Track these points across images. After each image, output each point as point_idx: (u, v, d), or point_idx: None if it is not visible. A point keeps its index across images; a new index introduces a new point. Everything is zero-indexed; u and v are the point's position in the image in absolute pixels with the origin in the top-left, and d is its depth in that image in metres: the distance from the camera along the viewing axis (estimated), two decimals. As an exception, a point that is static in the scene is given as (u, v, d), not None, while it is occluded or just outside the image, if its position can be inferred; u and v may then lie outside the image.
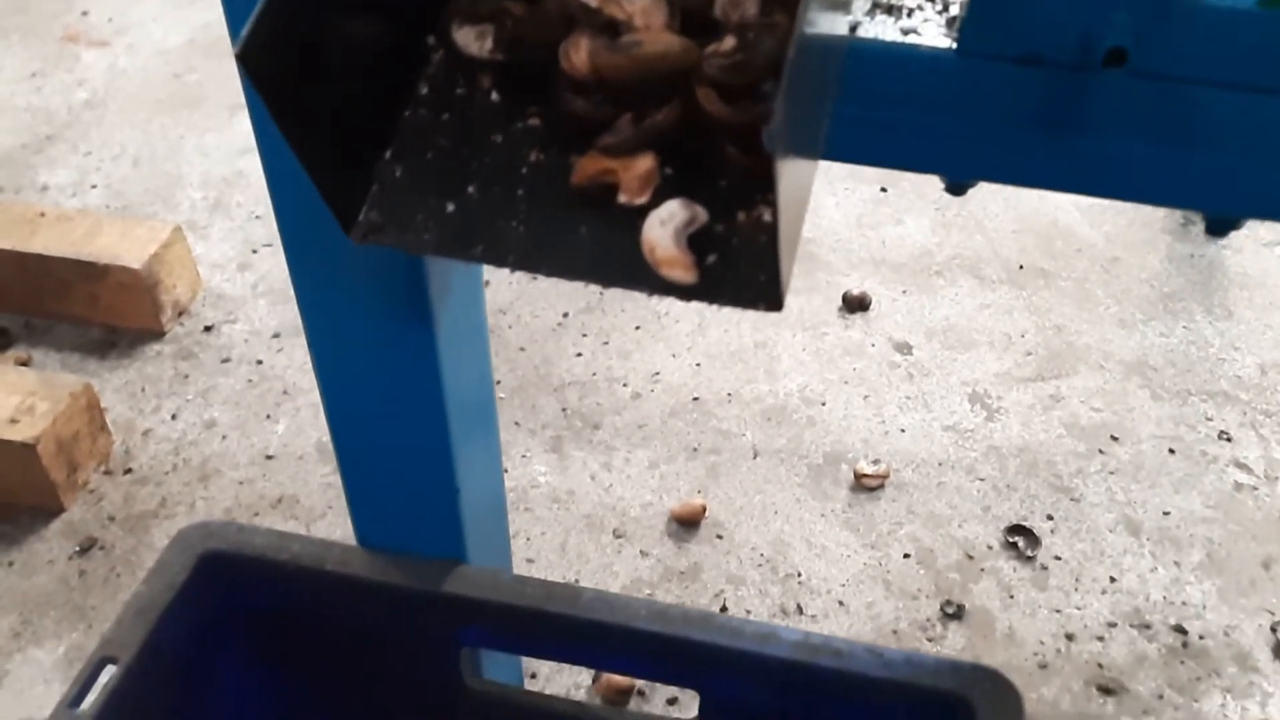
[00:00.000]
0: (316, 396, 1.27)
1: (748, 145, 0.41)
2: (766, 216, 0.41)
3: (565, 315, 1.39)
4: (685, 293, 0.41)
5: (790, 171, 0.37)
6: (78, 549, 1.07)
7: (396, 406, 0.58)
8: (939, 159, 0.47)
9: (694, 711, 0.65)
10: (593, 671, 0.99)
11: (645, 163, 0.41)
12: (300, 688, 0.68)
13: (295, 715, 0.69)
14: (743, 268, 0.41)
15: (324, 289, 0.54)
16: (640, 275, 0.41)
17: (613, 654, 0.62)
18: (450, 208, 0.43)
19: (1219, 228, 0.51)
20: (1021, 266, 1.46)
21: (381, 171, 0.44)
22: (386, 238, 0.43)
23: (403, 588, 0.62)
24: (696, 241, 0.41)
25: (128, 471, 1.16)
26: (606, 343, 1.36)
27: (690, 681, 0.63)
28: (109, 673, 0.56)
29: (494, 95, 0.44)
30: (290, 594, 0.63)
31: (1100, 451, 1.22)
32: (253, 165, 1.60)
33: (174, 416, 1.22)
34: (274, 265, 1.44)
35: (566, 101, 0.42)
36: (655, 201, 0.41)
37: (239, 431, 1.21)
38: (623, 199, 0.41)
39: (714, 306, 0.41)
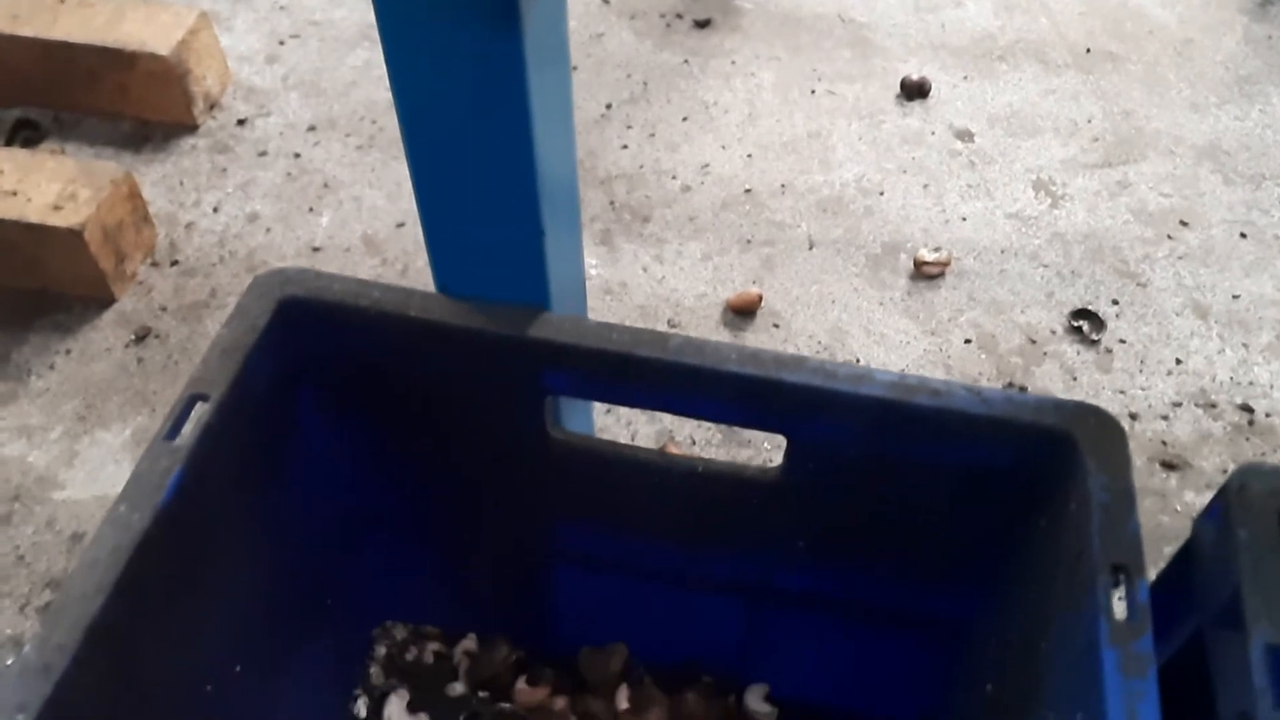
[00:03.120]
0: (358, 190, 1.25)
1: None
2: None
3: (608, 107, 1.34)
4: None
5: None
6: (133, 338, 1.06)
7: (480, 135, 0.54)
8: None
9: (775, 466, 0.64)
10: (658, 445, 1.00)
11: None
12: (383, 435, 0.67)
13: (379, 463, 0.69)
14: None
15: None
16: None
17: (701, 398, 0.61)
18: None
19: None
20: (1089, 50, 1.38)
21: None
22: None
23: (487, 333, 0.61)
24: None
25: (174, 263, 1.14)
26: (653, 135, 1.30)
27: (779, 426, 0.62)
28: (200, 408, 0.55)
29: None
30: (372, 341, 0.62)
31: (1169, 237, 1.18)
32: (273, -47, 1.51)
33: (215, 210, 1.19)
34: (303, 57, 1.37)
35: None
36: None
37: (283, 224, 1.18)
38: None
39: (764, 96, 0.36)
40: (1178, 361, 1.07)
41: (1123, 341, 1.08)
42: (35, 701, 0.45)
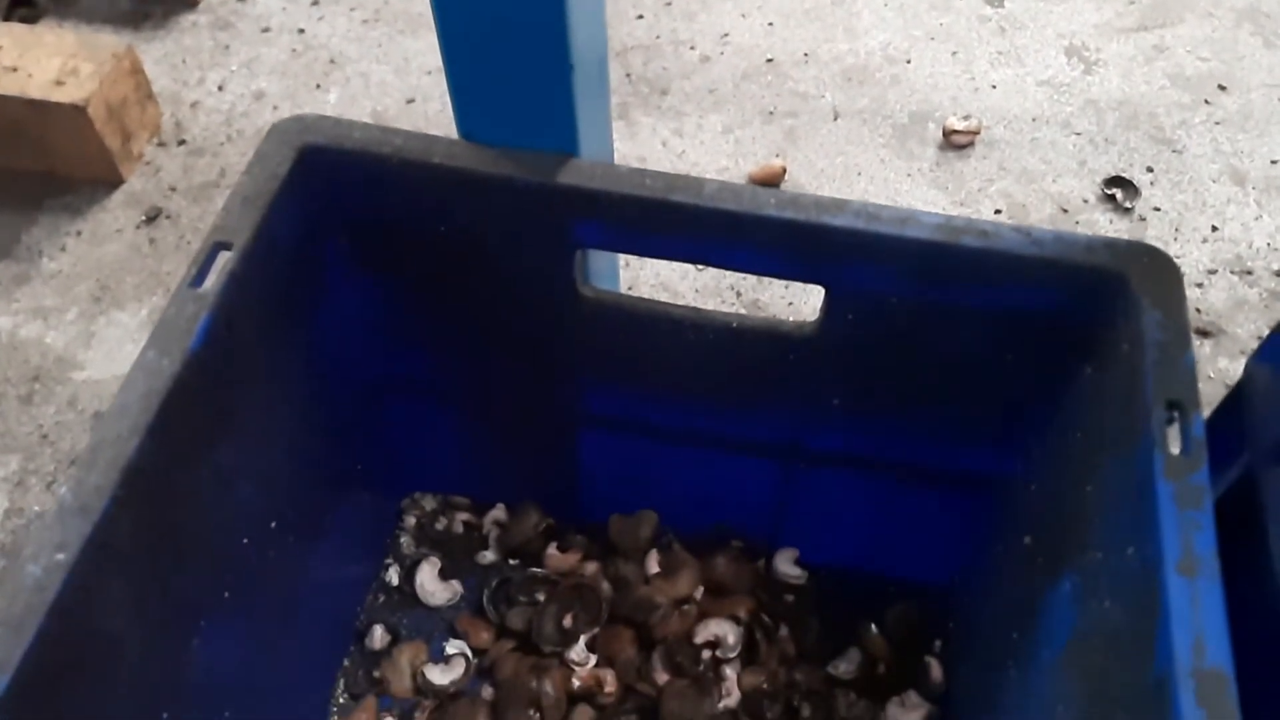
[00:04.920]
0: (365, 66, 1.21)
1: None
2: None
3: (623, -23, 1.28)
4: None
5: None
6: (144, 218, 1.04)
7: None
8: None
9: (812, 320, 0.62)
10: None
11: None
12: (410, 293, 0.66)
13: (406, 321, 0.67)
14: None
15: None
16: None
17: (739, 245, 0.59)
18: None
19: None
20: (1126, -91, 1.32)
21: None
22: None
23: (515, 180, 0.58)
24: None
25: (181, 143, 1.11)
26: (669, 3, 1.25)
27: (819, 275, 0.60)
28: (224, 257, 0.53)
29: None
30: (395, 191, 0.60)
31: (1206, 102, 1.14)
32: None
33: (220, 88, 1.16)
34: (304, -71, 1.32)
35: None
36: None
37: (290, 102, 1.15)
38: None
39: None
40: (1213, 229, 1.04)
41: (1157, 209, 1.06)
42: (75, 541, 0.44)
